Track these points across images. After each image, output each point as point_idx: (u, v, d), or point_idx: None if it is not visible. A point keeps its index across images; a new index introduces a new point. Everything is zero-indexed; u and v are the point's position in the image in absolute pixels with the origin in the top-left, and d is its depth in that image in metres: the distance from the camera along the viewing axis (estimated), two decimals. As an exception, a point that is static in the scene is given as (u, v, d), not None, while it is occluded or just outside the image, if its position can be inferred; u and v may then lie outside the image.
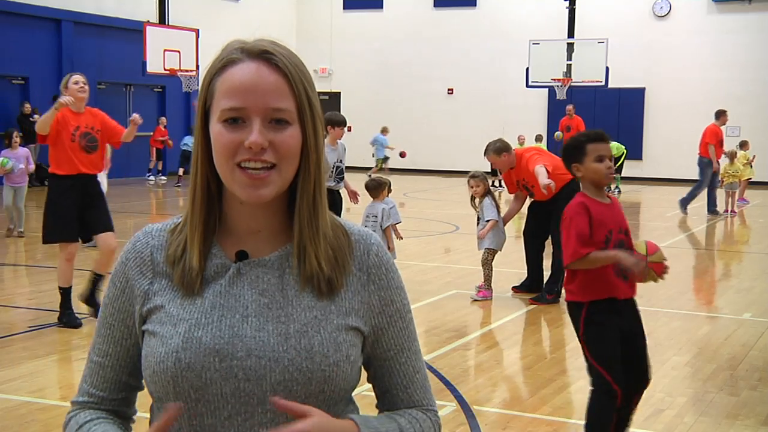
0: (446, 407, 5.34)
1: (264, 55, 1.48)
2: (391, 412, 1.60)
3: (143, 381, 1.59)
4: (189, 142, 21.41)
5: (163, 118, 22.52)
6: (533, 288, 8.81)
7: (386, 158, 23.41)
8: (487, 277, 8.51)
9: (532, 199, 8.85)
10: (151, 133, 22.72)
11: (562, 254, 4.43)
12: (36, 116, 19.38)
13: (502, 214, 8.57)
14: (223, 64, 1.49)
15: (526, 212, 9.12)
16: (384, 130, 24.16)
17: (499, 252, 8.59)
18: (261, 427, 1.47)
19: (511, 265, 10.87)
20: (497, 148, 8.54)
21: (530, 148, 9.13)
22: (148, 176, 22.13)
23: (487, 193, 8.50)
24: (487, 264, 8.47)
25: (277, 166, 1.47)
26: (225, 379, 1.46)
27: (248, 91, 1.46)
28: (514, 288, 8.93)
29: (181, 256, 1.53)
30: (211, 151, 1.49)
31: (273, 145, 1.46)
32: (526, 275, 9.00)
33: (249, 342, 1.47)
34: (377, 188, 8.20)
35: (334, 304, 1.53)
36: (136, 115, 7.80)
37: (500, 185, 21.17)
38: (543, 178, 8.03)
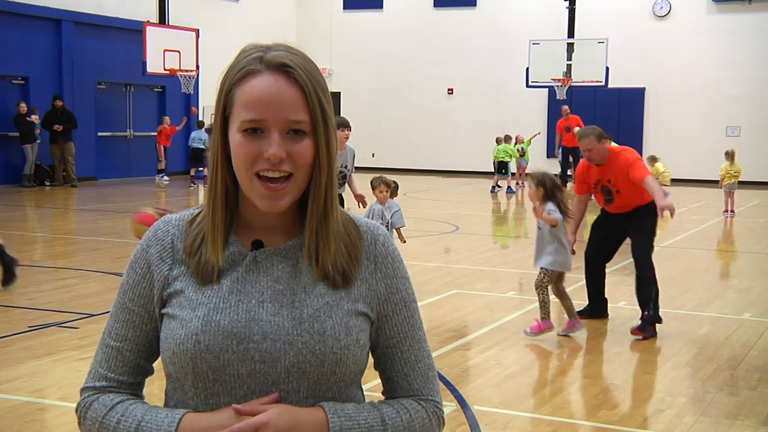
0: (446, 407, 5.33)
1: (283, 68, 1.53)
2: (380, 401, 1.64)
3: (153, 363, 1.67)
4: (198, 137, 21.33)
5: (167, 117, 22.50)
6: (595, 315, 7.78)
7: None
8: (542, 304, 7.04)
9: (607, 209, 7.63)
10: (154, 134, 22.79)
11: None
12: (34, 116, 19.44)
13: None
14: (243, 75, 1.54)
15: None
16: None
17: (563, 273, 7.17)
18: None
19: (512, 266, 10.88)
20: (600, 133, 7.30)
21: (627, 148, 7.63)
22: (162, 177, 22.06)
23: (550, 197, 6.98)
24: (541, 287, 7.03)
25: (294, 175, 1.54)
26: (242, 360, 1.53)
27: (267, 104, 1.52)
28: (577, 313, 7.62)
29: (198, 247, 1.60)
30: (229, 155, 1.56)
31: (290, 155, 1.53)
32: (587, 301, 7.91)
33: (265, 326, 1.54)
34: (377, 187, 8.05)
35: (345, 291, 1.60)
36: None
37: (510, 189, 21.14)
38: (661, 196, 6.91)
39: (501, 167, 21.45)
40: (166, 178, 22.01)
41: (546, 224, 6.96)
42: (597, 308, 7.83)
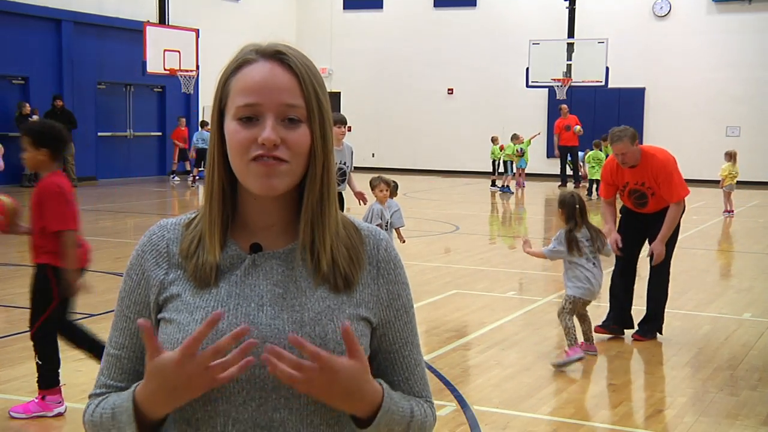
0: (446, 407, 5.34)
1: (278, 55, 1.54)
2: (400, 393, 1.65)
3: None
4: (201, 137, 21.31)
5: (183, 118, 22.60)
6: (619, 325, 7.27)
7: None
8: (566, 331, 6.49)
9: (635, 210, 7.16)
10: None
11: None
12: (35, 116, 19.43)
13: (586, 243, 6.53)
14: (238, 65, 1.55)
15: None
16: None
17: (588, 301, 6.65)
18: (275, 413, 1.51)
19: (512, 266, 10.88)
20: (633, 134, 6.78)
21: (661, 149, 7.14)
22: (173, 178, 22.15)
23: (570, 223, 6.50)
24: (562, 314, 6.53)
25: (289, 162, 1.52)
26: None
27: (262, 89, 1.51)
28: (596, 327, 7.12)
29: (195, 250, 1.58)
30: (226, 152, 1.55)
31: (285, 142, 1.51)
32: (608, 309, 7.42)
33: (264, 329, 1.52)
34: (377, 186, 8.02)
35: (346, 295, 1.58)
36: None
37: (507, 188, 21.11)
38: (664, 236, 6.89)
39: (506, 166, 21.38)
40: (176, 178, 22.02)
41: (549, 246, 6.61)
42: (621, 316, 7.26)
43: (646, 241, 7.27)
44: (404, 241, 8.30)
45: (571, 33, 23.40)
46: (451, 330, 7.40)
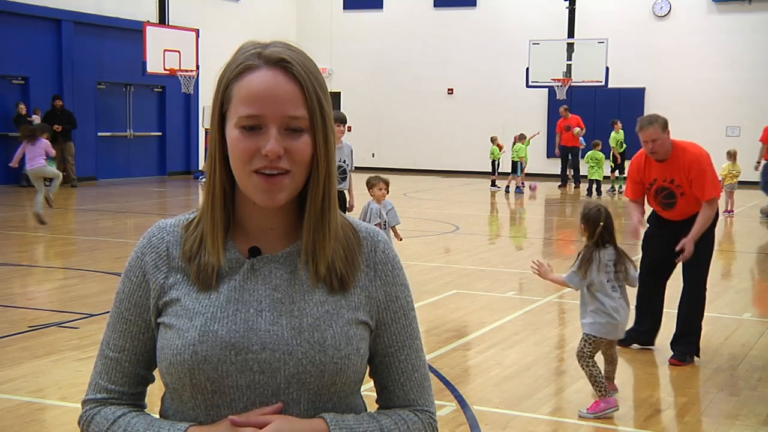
0: (446, 407, 5.34)
1: (281, 63, 1.51)
2: (379, 412, 1.62)
3: (156, 372, 1.64)
4: None
5: None
6: (643, 340, 6.66)
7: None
8: (592, 379, 5.38)
9: (663, 215, 6.49)
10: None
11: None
12: (35, 116, 19.43)
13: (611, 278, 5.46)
14: (240, 71, 1.52)
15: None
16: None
17: (613, 341, 5.63)
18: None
19: (512, 266, 10.87)
20: (665, 122, 6.14)
21: (694, 144, 6.50)
22: (201, 178, 22.24)
23: (597, 243, 5.44)
24: (582, 357, 5.40)
25: (291, 172, 1.51)
26: (240, 371, 1.50)
27: (265, 100, 1.50)
28: (618, 342, 6.04)
29: (197, 251, 1.57)
30: (227, 153, 1.54)
31: (288, 152, 1.50)
32: (633, 322, 6.56)
33: (263, 336, 1.52)
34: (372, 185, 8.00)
35: (344, 299, 1.57)
36: None
37: (519, 189, 21.08)
38: (697, 234, 6.17)
39: (514, 167, 21.28)
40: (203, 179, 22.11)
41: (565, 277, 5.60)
42: (645, 331, 6.68)
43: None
44: (401, 239, 8.31)
45: (571, 33, 23.41)
46: (451, 330, 7.40)
